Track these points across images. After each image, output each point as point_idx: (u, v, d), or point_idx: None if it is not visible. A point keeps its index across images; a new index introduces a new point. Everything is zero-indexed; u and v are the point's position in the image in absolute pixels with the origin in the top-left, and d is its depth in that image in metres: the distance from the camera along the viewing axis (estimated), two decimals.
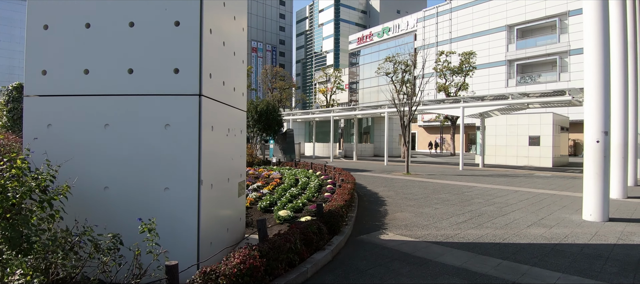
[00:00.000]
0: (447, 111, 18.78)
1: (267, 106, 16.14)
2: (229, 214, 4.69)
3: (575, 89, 14.43)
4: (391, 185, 11.63)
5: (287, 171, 12.25)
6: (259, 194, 7.75)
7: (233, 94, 4.78)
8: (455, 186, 11.47)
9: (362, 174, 15.01)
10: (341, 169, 11.48)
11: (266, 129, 16.27)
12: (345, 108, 23.90)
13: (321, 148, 31.22)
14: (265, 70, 47.49)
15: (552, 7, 37.01)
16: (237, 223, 5.08)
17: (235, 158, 4.95)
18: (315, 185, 8.74)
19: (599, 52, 6.63)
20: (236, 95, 4.92)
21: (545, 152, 20.50)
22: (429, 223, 6.31)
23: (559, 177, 14.53)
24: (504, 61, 41.78)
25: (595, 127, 6.64)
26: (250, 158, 16.29)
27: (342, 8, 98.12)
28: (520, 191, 10.45)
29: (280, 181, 10.02)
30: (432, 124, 48.30)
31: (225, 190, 4.52)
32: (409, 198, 9.00)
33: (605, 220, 6.58)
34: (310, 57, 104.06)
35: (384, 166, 19.67)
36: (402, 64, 30.71)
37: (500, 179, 13.60)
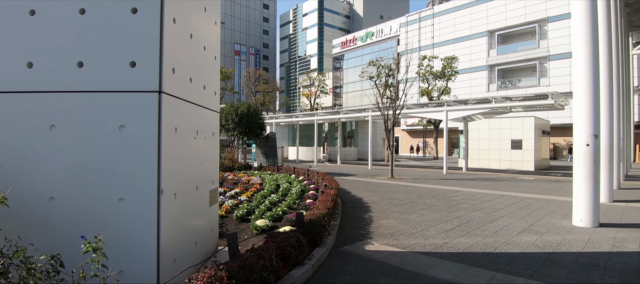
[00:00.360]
0: (431, 114, 18.67)
1: (248, 109, 15.62)
2: (198, 226, 4.21)
3: (557, 93, 14.48)
4: (375, 189, 11.30)
5: (268, 176, 11.77)
6: (236, 201, 7.27)
7: (203, 93, 4.32)
8: (440, 190, 11.22)
9: (346, 178, 14.65)
10: (324, 174, 11.09)
11: (247, 133, 15.75)
12: (329, 111, 23.58)
13: (305, 152, 30.79)
14: (248, 72, 46.80)
15: (531, 13, 37.76)
16: (209, 236, 4.61)
17: (206, 164, 4.48)
18: (297, 191, 8.31)
19: (588, 54, 6.47)
20: (206, 93, 4.46)
21: (527, 156, 20.64)
22: (416, 231, 5.96)
23: (542, 181, 14.52)
24: (485, 66, 42.38)
25: (585, 130, 6.46)
26: (231, 162, 15.74)
27: (325, 12, 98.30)
28: (506, 195, 10.28)
29: (261, 187, 9.54)
30: (415, 128, 48.54)
31: (194, 199, 4.05)
32: (394, 203, 8.67)
33: (596, 226, 6.38)
34: (294, 60, 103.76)
35: (368, 170, 19.38)
36: (385, 68, 30.63)
37: (484, 183, 13.46)
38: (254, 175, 12.92)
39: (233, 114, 15.35)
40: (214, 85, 4.80)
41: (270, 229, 5.47)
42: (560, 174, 18.00)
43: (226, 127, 15.69)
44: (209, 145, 4.61)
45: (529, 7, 37.95)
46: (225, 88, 48.40)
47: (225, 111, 15.69)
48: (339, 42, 65.27)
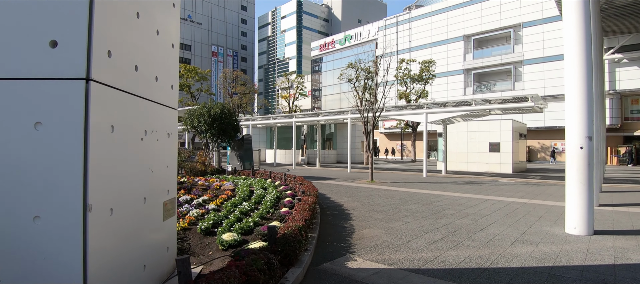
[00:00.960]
0: (410, 117, 18.36)
1: (222, 109, 14.78)
2: (147, 245, 3.48)
3: (537, 95, 14.41)
4: (356, 194, 10.75)
5: (242, 182, 11.00)
6: (202, 211, 6.51)
7: (154, 85, 3.59)
8: (422, 195, 10.78)
9: (325, 182, 14.05)
10: (302, 178, 10.44)
11: (221, 134, 14.90)
12: (308, 113, 22.95)
13: (283, 155, 30.01)
14: (225, 73, 45.57)
15: (506, 18, 38.49)
16: (162, 256, 3.87)
17: (159, 170, 3.76)
18: (272, 198, 7.62)
19: (582, 54, 6.12)
20: (159, 86, 3.74)
21: (505, 158, 20.67)
22: (402, 243, 5.41)
23: (523, 184, 14.38)
24: (461, 70, 42.90)
25: (579, 132, 6.10)
26: (203, 166, 14.84)
27: (304, 15, 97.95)
28: (490, 200, 9.93)
29: (232, 194, 8.79)
30: (393, 131, 48.62)
31: (141, 214, 3.33)
32: (376, 210, 8.12)
33: (591, 233, 6.02)
34: (272, 63, 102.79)
35: (347, 173, 18.86)
36: (364, 70, 30.31)
37: (466, 186, 13.16)
38: (227, 179, 12.11)
39: (206, 115, 14.47)
40: (170, 77, 4.07)
41: (238, 244, 4.77)
42: (539, 177, 18.04)
43: (198, 128, 14.80)
44: (163, 148, 3.88)
45: (504, 13, 38.68)
46: (201, 90, 46.96)
47: (197, 112, 14.80)
48: (317, 44, 64.89)
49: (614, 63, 31.20)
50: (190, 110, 15.36)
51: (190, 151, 15.67)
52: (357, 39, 56.73)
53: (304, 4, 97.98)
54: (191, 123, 14.89)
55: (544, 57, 35.77)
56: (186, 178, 12.13)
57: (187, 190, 9.16)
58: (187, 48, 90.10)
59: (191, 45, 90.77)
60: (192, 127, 14.96)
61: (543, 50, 35.87)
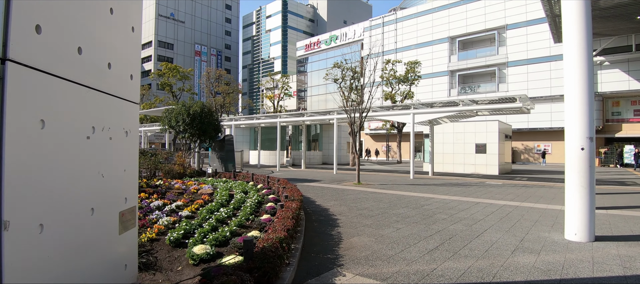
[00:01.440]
0: (397, 117, 18.03)
1: (201, 108, 14.08)
2: (97, 264, 2.89)
3: (525, 96, 14.24)
4: (343, 198, 10.26)
5: (222, 185, 10.38)
6: (174, 219, 5.90)
7: (106, 73, 3.00)
8: (411, 198, 10.38)
9: (311, 185, 13.53)
10: (286, 181, 9.89)
11: (200, 135, 14.20)
12: (293, 113, 22.37)
13: (267, 156, 29.34)
14: (208, 72, 44.53)
15: (491, 20, 38.80)
16: (119, 275, 3.27)
17: (113, 175, 3.16)
18: (253, 204, 7.05)
19: (582, 50, 5.79)
20: (114, 75, 3.14)
21: (492, 160, 20.58)
22: (394, 253, 4.93)
23: (511, 186, 14.18)
24: (446, 71, 43.05)
25: (579, 132, 5.76)
26: (182, 168, 14.12)
27: (289, 15, 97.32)
28: (481, 203, 9.59)
29: (210, 199, 8.17)
30: (379, 132, 48.49)
31: (86, 229, 2.74)
32: (365, 215, 7.64)
33: (592, 240, 5.68)
34: (257, 62, 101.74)
35: (333, 175, 18.39)
36: (350, 70, 29.96)
37: (454, 189, 12.85)
38: (206, 182, 11.46)
39: (184, 114, 13.75)
40: (129, 65, 3.48)
41: (212, 258, 4.20)
42: (526, 178, 17.95)
43: (176, 128, 14.06)
44: (119, 149, 3.29)
45: (489, 15, 38.98)
46: (183, 89, 45.79)
47: (175, 111, 14.06)
48: (303, 44, 64.35)
49: (596, 65, 31.71)
50: (168, 109, 14.61)
51: (168, 152, 14.92)
52: (343, 39, 56.46)
53: (289, 3, 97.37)
54: (169, 123, 14.15)
55: (528, 59, 36.18)
56: (162, 181, 11.42)
57: (160, 195, 8.50)
58: (169, 47, 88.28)
59: (174, 44, 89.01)
60: (170, 127, 14.22)
61: (527, 52, 36.27)
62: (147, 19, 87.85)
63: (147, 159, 13.83)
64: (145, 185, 10.55)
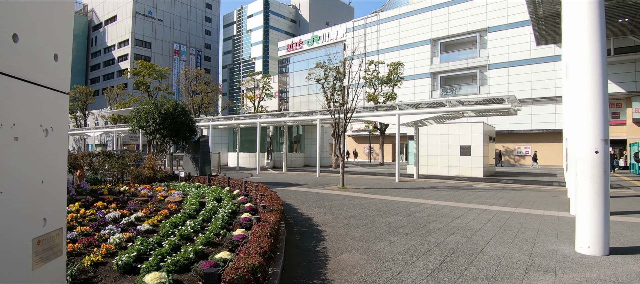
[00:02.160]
0: (383, 118, 17.39)
1: (174, 107, 13.02)
2: None
3: (514, 97, 13.82)
4: (327, 204, 9.46)
5: (194, 191, 9.41)
6: (129, 235, 4.95)
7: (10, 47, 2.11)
8: (400, 204, 9.68)
9: (292, 189, 12.67)
10: (265, 187, 9.02)
11: (173, 135, 13.13)
12: (274, 113, 21.45)
13: (247, 159, 28.27)
14: (186, 71, 42.96)
15: (473, 23, 38.92)
16: None
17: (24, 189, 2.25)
18: (226, 214, 6.16)
19: (595, 42, 5.19)
20: (23, 52, 2.24)
21: (476, 162, 20.24)
22: (391, 276, 4.16)
23: (499, 189, 13.73)
24: (428, 73, 42.98)
25: (593, 134, 5.15)
26: (152, 172, 13.01)
27: (271, 15, 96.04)
28: (474, 209, 8.98)
29: (178, 208, 7.22)
30: (361, 133, 48.02)
31: None
32: (353, 224, 6.87)
33: (607, 253, 5.08)
34: (238, 62, 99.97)
35: (316, 178, 17.58)
36: (333, 70, 29.25)
37: (443, 193, 12.26)
38: (176, 188, 10.45)
39: (155, 113, 12.66)
40: (52, 41, 2.54)
41: None
42: (511, 181, 17.63)
43: (146, 129, 12.95)
44: (32, 152, 2.36)
45: (471, 17, 39.11)
46: (159, 89, 44.06)
47: (145, 110, 12.95)
48: (284, 44, 63.38)
49: None
50: (137, 108, 13.46)
51: (137, 154, 13.76)
52: (325, 40, 55.82)
53: (271, 3, 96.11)
54: (138, 123, 13.01)
55: (509, 62, 36.41)
56: (127, 187, 10.34)
57: (121, 204, 7.48)
58: (147, 46, 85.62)
59: (151, 43, 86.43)
60: (140, 127, 13.08)
61: (508, 55, 36.51)
62: (124, 17, 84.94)
63: (112, 162, 12.67)
64: (107, 191, 9.47)
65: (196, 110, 40.71)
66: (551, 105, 33.78)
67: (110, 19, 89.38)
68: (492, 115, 16.15)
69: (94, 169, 12.67)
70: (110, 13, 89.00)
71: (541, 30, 24.47)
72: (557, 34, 24.93)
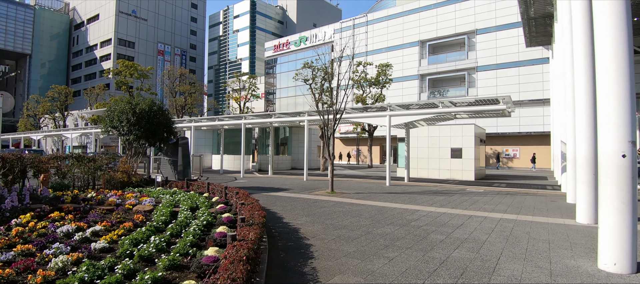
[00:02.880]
0: (373, 120, 16.73)
1: (150, 106, 12.05)
2: None
3: (509, 97, 13.31)
4: (316, 212, 8.68)
5: (168, 198, 8.51)
6: (77, 256, 4.08)
7: None
8: (395, 211, 8.98)
9: (278, 195, 11.85)
10: (247, 194, 8.19)
11: (149, 136, 12.16)
12: (260, 114, 20.55)
13: (231, 161, 27.26)
14: (168, 71, 41.60)
15: (461, 25, 38.79)
16: None
17: None
18: (199, 228, 5.32)
19: (621, 36, 4.57)
20: None
21: (468, 165, 19.76)
22: None
23: (494, 193, 13.18)
24: (416, 75, 42.70)
25: (619, 135, 4.51)
26: (126, 176, 12.01)
27: (258, 16, 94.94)
28: (475, 217, 8.34)
29: (146, 219, 6.33)
30: (349, 136, 47.41)
31: None
32: (345, 237, 6.12)
33: (635, 270, 4.45)
34: (224, 63, 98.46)
35: (303, 182, 16.77)
36: (321, 70, 28.56)
37: (437, 198, 11.62)
38: (150, 194, 9.52)
39: (129, 112, 11.67)
40: None
41: None
42: (504, 184, 17.17)
43: (119, 129, 11.96)
44: None
45: (459, 19, 38.98)
46: (141, 89, 42.61)
47: (118, 109, 11.95)
48: (271, 45, 62.43)
49: None
50: (110, 107, 12.44)
51: (110, 157, 12.73)
52: (313, 40, 55.12)
53: (258, 4, 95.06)
54: (111, 123, 12.00)
55: (497, 64, 36.36)
56: (96, 193, 9.37)
57: (81, 214, 6.56)
58: (130, 46, 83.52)
59: (135, 42, 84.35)
60: (113, 127, 12.08)
61: (496, 57, 36.45)
62: (107, 16, 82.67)
63: (82, 165, 11.63)
64: (70, 199, 8.50)
65: (180, 111, 39.43)
66: (539, 107, 33.79)
67: (93, 17, 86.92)
68: (486, 116, 15.66)
69: (62, 173, 11.61)
70: (93, 12, 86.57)
71: (531, 32, 24.25)
72: (548, 36, 24.77)
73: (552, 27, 22.49)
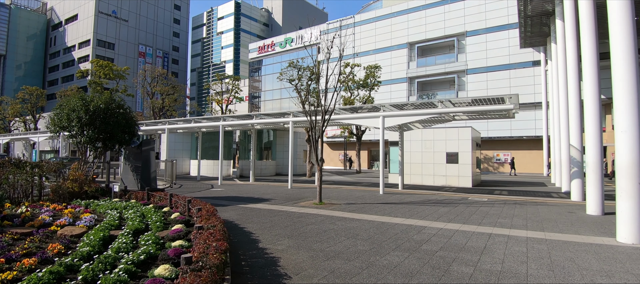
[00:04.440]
0: (365, 121, 15.25)
1: (107, 103, 10.24)
2: None
3: (516, 96, 11.99)
4: (301, 231, 7.05)
5: (115, 214, 6.76)
6: None
7: None
8: (397, 228, 7.43)
9: (257, 207, 10.16)
10: (213, 209, 6.51)
11: (106, 139, 10.34)
12: (240, 115, 18.80)
13: (211, 167, 25.38)
14: (144, 70, 39.31)
15: (450, 27, 37.88)
16: None
17: None
18: (133, 263, 3.65)
19: None
20: None
21: (464, 171, 18.44)
22: None
23: (500, 203, 11.79)
24: (405, 78, 41.60)
25: None
26: (77, 185, 10.15)
27: (243, 18, 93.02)
28: (495, 235, 6.85)
29: (64, 249, 4.60)
30: (336, 140, 45.91)
31: None
32: (341, 272, 4.52)
33: None
34: (207, 66, 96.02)
35: (287, 191, 15.10)
36: (307, 70, 26.99)
37: (442, 210, 10.14)
38: (98, 208, 7.74)
39: (80, 110, 9.84)
40: None
41: None
42: (505, 191, 15.87)
43: (69, 130, 10.11)
44: None
45: (448, 21, 38.07)
46: (116, 90, 40.21)
47: (68, 106, 10.09)
48: (255, 46, 60.65)
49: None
50: (60, 104, 10.55)
51: (58, 163, 10.84)
52: (299, 42, 53.60)
53: (243, 6, 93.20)
54: (60, 123, 10.12)
55: (487, 67, 35.51)
56: (28, 208, 7.53)
57: None
58: (109, 47, 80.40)
59: (115, 44, 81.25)
60: (61, 128, 10.20)
61: (486, 60, 35.61)
62: (86, 16, 79.44)
63: (23, 173, 9.72)
64: None
65: (157, 113, 37.18)
66: (531, 111, 32.98)
67: (71, 18, 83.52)
68: (488, 118, 14.36)
69: None
70: (71, 11, 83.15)
71: (526, 32, 23.29)
72: (543, 36, 23.85)
73: (548, 26, 21.53)
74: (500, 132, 34.63)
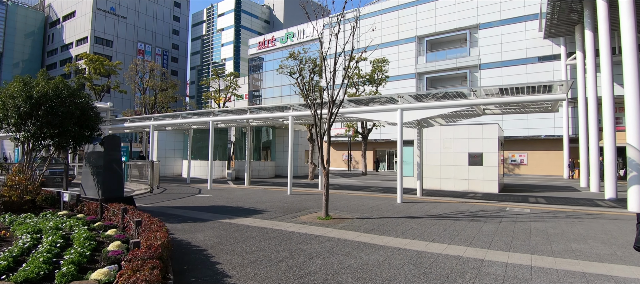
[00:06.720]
0: (379, 115, 12.96)
1: (57, 89, 8.00)
2: None
3: (565, 82, 9.66)
4: (302, 269, 4.77)
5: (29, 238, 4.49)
6: None
7: None
8: (442, 264, 5.14)
9: (244, 224, 7.87)
10: (165, 234, 4.27)
11: (56, 135, 8.11)
12: (233, 109, 16.49)
13: (204, 168, 23.14)
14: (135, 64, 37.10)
15: (462, 19, 35.51)
16: None
17: None
18: None
19: None
20: None
21: (490, 174, 16.11)
22: None
23: (550, 215, 9.47)
24: (413, 74, 39.25)
25: None
26: (15, 194, 7.90)
27: (243, 15, 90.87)
28: (591, 275, 4.56)
29: None
30: (339, 139, 43.58)
31: None
32: None
33: None
34: (207, 64, 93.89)
35: (286, 198, 12.81)
36: (309, 62, 24.77)
37: (486, 228, 7.83)
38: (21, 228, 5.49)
39: (20, 98, 7.60)
40: None
41: None
42: (542, 199, 13.52)
43: (6, 122, 7.88)
44: None
45: (459, 13, 35.70)
46: (108, 85, 38.04)
47: (6, 94, 7.85)
48: (255, 42, 58.41)
49: None
50: None
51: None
52: (300, 37, 51.35)
53: (243, 2, 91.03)
54: None
55: (503, 62, 33.11)
56: None
57: None
58: (108, 44, 78.33)
59: (113, 41, 79.15)
60: None
61: (501, 54, 33.23)
62: (84, 13, 77.42)
63: None
64: None
65: (149, 111, 35.02)
66: None
67: (69, 14, 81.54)
68: (529, 111, 12.05)
69: None
70: (69, 8, 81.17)
71: (553, 19, 20.93)
72: (570, 24, 21.48)
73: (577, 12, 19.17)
74: (516, 131, 32.24)
